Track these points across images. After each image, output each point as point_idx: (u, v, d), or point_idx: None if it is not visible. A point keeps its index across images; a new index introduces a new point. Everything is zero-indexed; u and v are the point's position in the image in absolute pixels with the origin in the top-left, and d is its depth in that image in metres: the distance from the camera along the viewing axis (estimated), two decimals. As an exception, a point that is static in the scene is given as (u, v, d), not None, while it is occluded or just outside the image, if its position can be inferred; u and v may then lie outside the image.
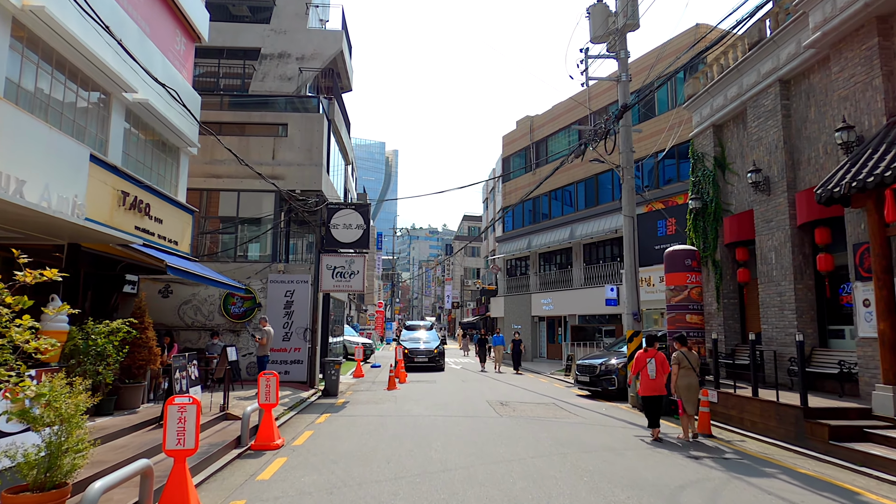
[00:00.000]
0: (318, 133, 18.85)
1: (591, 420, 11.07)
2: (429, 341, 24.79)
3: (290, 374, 15.64)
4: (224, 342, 15.31)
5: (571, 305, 28.04)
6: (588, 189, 28.38)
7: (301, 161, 18.47)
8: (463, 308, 67.65)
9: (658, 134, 23.94)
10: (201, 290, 16.24)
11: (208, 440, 8.13)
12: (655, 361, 9.46)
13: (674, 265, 13.55)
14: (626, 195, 14.29)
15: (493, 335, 25.46)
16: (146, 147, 13.16)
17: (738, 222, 13.32)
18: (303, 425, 10.29)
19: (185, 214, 14.57)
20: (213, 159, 18.35)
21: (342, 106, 25.72)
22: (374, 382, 18.34)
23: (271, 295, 16.12)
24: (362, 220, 15.91)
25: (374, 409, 12.26)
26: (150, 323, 9.50)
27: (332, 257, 15.75)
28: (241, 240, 18.65)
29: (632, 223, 14.28)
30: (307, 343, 15.82)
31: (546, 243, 29.94)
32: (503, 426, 10.07)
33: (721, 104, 14.03)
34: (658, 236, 23.13)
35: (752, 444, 9.11)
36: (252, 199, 18.43)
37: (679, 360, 9.52)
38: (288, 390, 14.19)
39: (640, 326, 13.95)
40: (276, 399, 8.55)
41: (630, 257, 14.15)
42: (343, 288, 15.67)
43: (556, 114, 31.15)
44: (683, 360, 9.51)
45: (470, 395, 14.84)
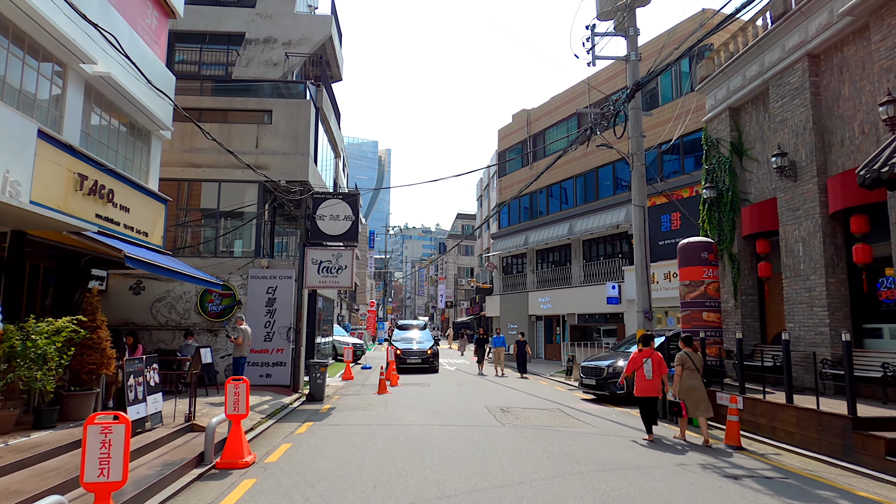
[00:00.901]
0: (305, 120, 17.67)
1: (603, 429, 9.96)
2: (422, 341, 23.64)
3: (271, 378, 14.44)
4: (199, 343, 14.09)
5: (570, 304, 26.97)
6: (587, 183, 27.31)
7: (286, 150, 17.29)
8: (457, 307, 66.53)
9: (661, 125, 22.90)
10: (176, 287, 15.02)
11: (165, 458, 6.95)
12: (652, 361, 9.14)
13: (689, 259, 12.48)
14: (637, 183, 13.21)
15: (493, 335, 23.09)
16: (111, 128, 11.94)
17: (758, 212, 12.26)
18: (280, 436, 9.12)
19: (156, 204, 13.37)
20: (192, 147, 17.15)
21: (332, 95, 24.50)
22: (364, 385, 17.17)
23: (252, 292, 14.91)
24: (350, 211, 14.73)
25: (362, 416, 11.10)
26: (103, 321, 8.30)
27: (318, 251, 14.57)
28: (223, 233, 17.45)
29: (642, 213, 13.19)
30: (291, 344, 14.62)
31: (544, 240, 28.86)
32: (507, 438, 8.93)
33: (739, 85, 12.97)
34: (662, 231, 22.13)
35: (790, 459, 8.02)
36: (234, 190, 17.19)
37: (683, 361, 9.08)
38: (268, 395, 13.00)
39: (651, 325, 12.87)
40: (246, 409, 7.37)
41: (640, 251, 13.06)
42: (329, 284, 14.49)
43: (554, 105, 30.09)
44: (688, 361, 9.07)
45: (467, 400, 13.70)
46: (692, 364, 9.07)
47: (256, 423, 9.86)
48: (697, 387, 8.99)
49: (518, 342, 21.63)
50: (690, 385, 8.99)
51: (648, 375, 9.14)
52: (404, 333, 24.73)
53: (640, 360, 9.32)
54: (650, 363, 9.18)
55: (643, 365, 9.24)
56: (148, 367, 8.07)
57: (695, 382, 9.00)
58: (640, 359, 9.33)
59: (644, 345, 9.57)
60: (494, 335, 22.43)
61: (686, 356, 9.13)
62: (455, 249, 67.92)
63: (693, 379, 9.01)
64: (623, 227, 24.06)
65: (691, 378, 9.01)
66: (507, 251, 32.51)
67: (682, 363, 9.09)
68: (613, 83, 25.66)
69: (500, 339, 22.10)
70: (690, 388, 8.97)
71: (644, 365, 9.21)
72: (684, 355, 9.15)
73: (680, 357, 9.17)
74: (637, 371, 9.32)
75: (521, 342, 21.58)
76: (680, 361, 9.12)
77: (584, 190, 27.57)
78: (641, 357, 9.35)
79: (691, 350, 9.29)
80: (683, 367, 9.06)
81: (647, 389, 9.19)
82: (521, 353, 21.26)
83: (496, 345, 21.84)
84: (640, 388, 9.27)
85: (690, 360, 9.10)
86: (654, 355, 9.27)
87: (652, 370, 9.16)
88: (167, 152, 16.92)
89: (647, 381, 9.17)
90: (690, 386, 8.98)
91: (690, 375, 9.02)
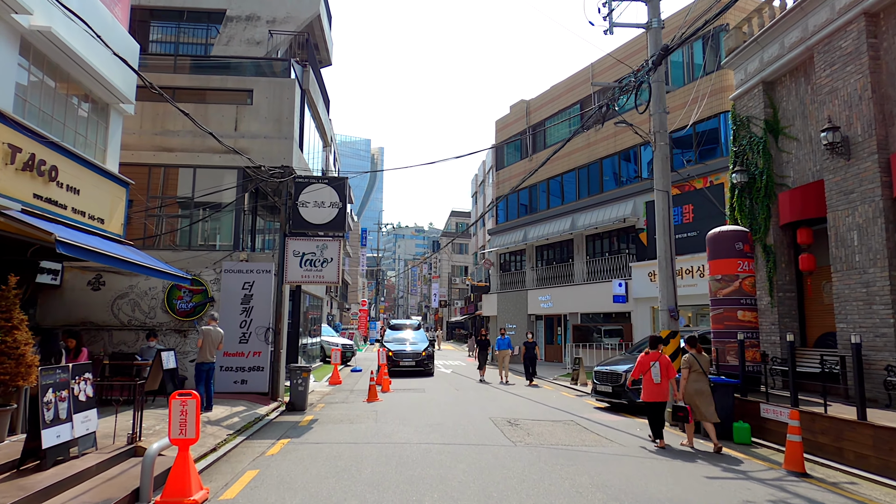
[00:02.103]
0: (289, 101, 16.08)
1: (632, 448, 8.44)
2: (416, 342, 22.07)
3: (247, 384, 12.83)
4: (163, 345, 12.48)
5: (573, 303, 25.49)
6: (591, 175, 25.84)
7: (268, 133, 15.69)
8: (451, 307, 65.00)
9: (673, 112, 21.44)
10: (140, 282, 13.38)
11: (88, 496, 5.36)
12: (660, 365, 8.81)
13: (720, 250, 10.99)
14: (660, 165, 11.71)
15: (498, 336, 19.64)
16: (58, 96, 10.31)
17: (800, 197, 10.80)
18: (248, 459, 7.54)
19: (115, 187, 11.75)
20: (164, 130, 15.54)
21: (320, 79, 22.88)
22: (353, 391, 15.59)
23: (226, 287, 13.28)
24: (337, 198, 13.14)
25: (348, 431, 9.53)
26: (22, 320, 6.68)
27: (301, 242, 12.98)
28: (198, 224, 15.83)
29: (666, 199, 11.70)
30: (269, 346, 13.02)
31: (544, 235, 27.36)
32: (522, 462, 7.39)
33: (775, 54, 11.50)
34: (673, 225, 20.63)
35: (870, 490, 6.54)
36: (211, 177, 15.52)
37: (690, 363, 8.81)
38: (242, 405, 11.39)
39: (676, 325, 11.38)
40: (196, 431, 5.79)
41: (664, 241, 11.56)
42: (313, 279, 12.91)
43: (555, 94, 28.59)
44: (694, 363, 8.79)
45: (468, 409, 12.16)
46: (699, 366, 8.75)
47: (221, 442, 8.27)
48: (704, 390, 8.66)
49: (526, 343, 18.83)
50: (697, 389, 8.65)
51: (657, 379, 8.75)
52: (397, 334, 23.16)
53: (648, 363, 8.89)
54: (658, 366, 8.79)
55: (651, 368, 8.82)
56: (78, 376, 6.47)
57: (702, 386, 8.68)
58: (648, 362, 8.89)
59: (652, 347, 9.10)
60: (499, 336, 19.61)
61: (692, 358, 8.81)
62: (449, 248, 66.43)
63: (700, 382, 8.69)
64: (630, 221, 22.62)
65: (698, 381, 8.69)
66: (504, 247, 31.00)
67: (688, 366, 8.79)
68: (617, 70, 24.17)
69: (504, 341, 19.33)
70: (697, 392, 8.63)
71: (652, 368, 8.81)
72: (690, 357, 8.84)
73: (686, 359, 8.87)
74: (644, 375, 8.92)
75: (529, 343, 18.74)
76: (686, 364, 8.81)
77: (587, 182, 26.09)
78: (649, 360, 8.91)
79: (696, 351, 8.94)
80: (690, 370, 8.75)
81: (655, 394, 8.79)
82: (530, 357, 18.40)
83: (500, 347, 19.08)
84: (648, 392, 8.85)
85: (697, 363, 8.77)
86: (661, 358, 8.88)
87: (660, 374, 8.76)
88: (136, 135, 15.35)
89: (655, 385, 8.77)
90: (697, 390, 8.64)
91: (697, 378, 8.70)
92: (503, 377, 18.64)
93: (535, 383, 17.99)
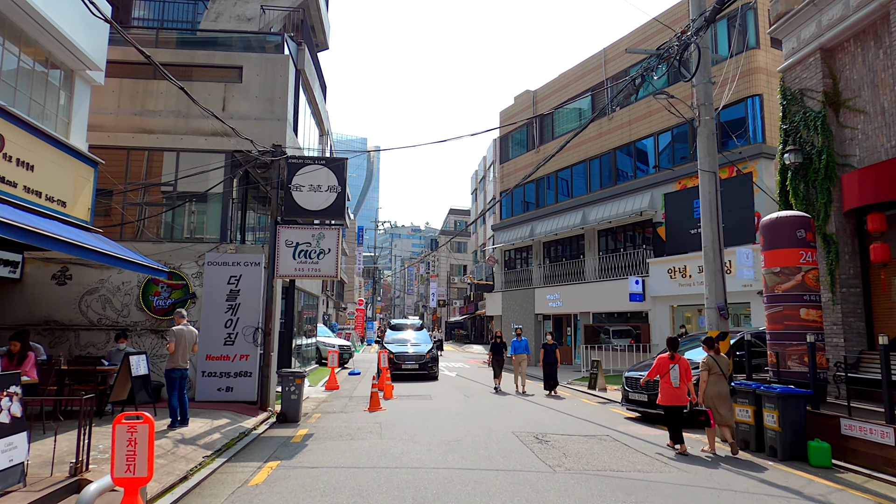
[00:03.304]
0: (283, 79, 14.57)
1: (699, 476, 6.96)
2: (418, 344, 20.58)
3: (233, 392, 11.29)
4: (137, 347, 10.95)
5: (584, 302, 24.02)
6: (604, 166, 24.39)
7: (260, 114, 14.18)
8: (449, 307, 63.53)
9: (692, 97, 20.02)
10: (113, 276, 11.84)
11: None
12: (679, 367, 8.49)
13: (778, 238, 9.52)
14: (704, 143, 10.26)
15: (514, 338, 16.56)
16: (8, 57, 8.78)
17: (871, 178, 9.35)
18: (225, 492, 6.03)
19: (81, 166, 10.25)
20: (144, 110, 14.03)
21: (316, 63, 21.36)
22: (352, 398, 14.09)
23: (209, 281, 11.74)
24: (336, 180, 11.64)
25: (349, 451, 8.02)
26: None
27: (294, 230, 11.48)
28: (181, 213, 14.33)
29: (713, 181, 10.25)
30: (258, 348, 11.50)
31: (553, 230, 25.89)
32: (572, 499, 5.90)
33: (837, 16, 10.06)
34: (694, 218, 19.20)
35: None
36: (196, 161, 13.97)
37: (709, 365, 8.45)
38: (226, 416, 9.86)
39: (726, 325, 9.93)
40: (149, 468, 4.28)
41: (711, 230, 10.10)
42: (309, 272, 11.40)
43: (564, 82, 27.14)
44: (714, 365, 8.46)
45: (485, 421, 10.67)
46: (718, 368, 8.42)
47: (194, 468, 6.75)
48: (724, 393, 8.40)
49: (545, 346, 16.06)
50: (717, 391, 8.35)
51: (675, 383, 8.43)
52: (398, 334, 21.64)
53: (667, 365, 8.54)
54: (678, 369, 8.47)
55: (669, 371, 8.48)
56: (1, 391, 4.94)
57: (722, 388, 8.38)
58: (668, 364, 8.54)
59: (670, 349, 8.68)
60: (514, 338, 16.54)
61: (712, 360, 8.48)
62: (448, 246, 64.97)
63: (720, 384, 8.38)
64: (647, 214, 21.17)
65: (718, 383, 8.37)
66: (510, 243, 29.51)
67: (707, 367, 8.44)
68: (631, 57, 22.76)
69: (521, 344, 16.33)
70: (717, 395, 8.33)
71: (671, 371, 8.48)
72: (710, 359, 8.49)
73: (706, 361, 8.48)
74: (662, 377, 8.58)
75: (549, 346, 15.96)
76: (705, 366, 8.46)
77: (599, 174, 24.64)
78: (668, 362, 8.55)
79: (715, 353, 8.61)
80: (710, 372, 8.42)
81: (673, 398, 8.45)
82: (550, 362, 15.60)
83: (517, 351, 16.29)
84: (667, 396, 8.51)
85: (717, 365, 8.43)
86: (681, 361, 8.57)
87: (679, 377, 8.44)
88: (113, 115, 13.85)
89: (673, 388, 8.44)
90: (717, 392, 8.34)
91: (717, 381, 8.38)
92: (520, 386, 15.93)
93: (555, 392, 15.45)
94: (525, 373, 16.28)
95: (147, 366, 9.36)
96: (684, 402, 8.55)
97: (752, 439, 8.58)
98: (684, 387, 8.48)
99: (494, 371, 16.65)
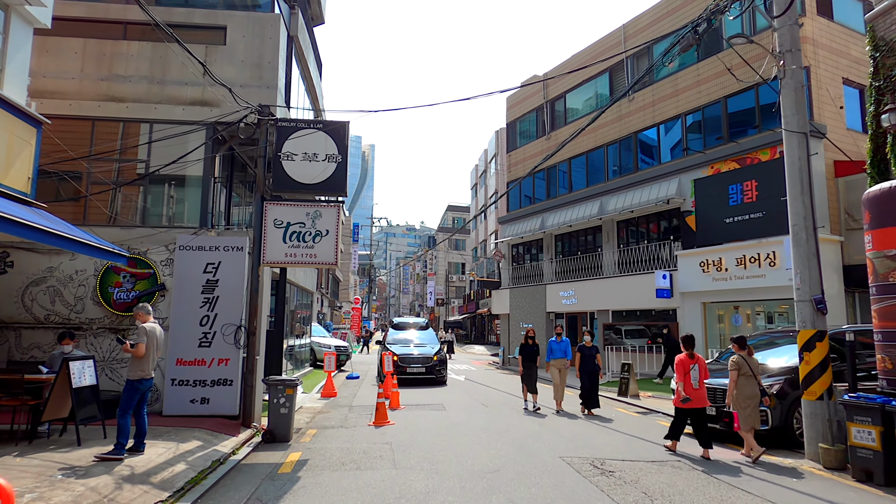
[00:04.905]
0: (273, 42, 12.57)
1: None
2: (423, 344, 18.61)
3: (210, 404, 9.25)
4: (85, 351, 8.90)
5: (602, 299, 22.08)
6: (623, 152, 22.47)
7: (246, 81, 12.16)
8: (448, 305, 61.56)
9: (724, 74, 18.15)
10: (64, 263, 9.79)
11: None
12: (699, 368, 8.15)
13: (890, 215, 7.61)
14: (792, 98, 8.32)
15: (552, 339, 12.51)
16: None
17: None
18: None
19: (18, 124, 8.28)
20: (112, 75, 12.02)
21: (311, 35, 19.36)
22: (352, 407, 12.11)
23: (181, 270, 9.69)
24: (335, 147, 9.62)
25: (354, 489, 6.01)
26: None
27: (285, 208, 9.46)
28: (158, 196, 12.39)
29: (803, 144, 8.29)
30: (241, 351, 9.48)
31: (566, 222, 23.94)
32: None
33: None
34: (730, 206, 17.32)
35: None
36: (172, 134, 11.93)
37: (739, 365, 8.00)
38: (196, 438, 7.83)
39: (824, 323, 7.99)
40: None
41: (803, 204, 8.15)
42: (302, 258, 9.39)
43: (578, 62, 25.17)
44: (744, 365, 8.01)
45: (519, 439, 8.69)
46: (748, 369, 7.94)
47: (139, 523, 4.74)
48: (754, 396, 7.91)
49: (582, 349, 11.97)
50: (749, 394, 7.89)
51: (695, 384, 8.07)
52: (400, 334, 19.64)
53: (688, 365, 8.17)
54: (697, 369, 8.12)
55: (690, 371, 8.10)
56: None
57: (752, 391, 7.91)
58: (688, 364, 8.17)
59: (687, 347, 8.34)
60: (552, 339, 12.47)
61: (742, 360, 8.01)
62: (445, 244, 63.01)
63: (751, 386, 7.92)
64: (675, 203, 19.26)
65: (749, 385, 7.92)
66: (519, 237, 27.53)
67: (737, 368, 7.99)
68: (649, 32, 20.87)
69: (561, 346, 12.28)
70: (748, 398, 7.87)
71: (691, 371, 8.10)
72: (740, 359, 8.01)
73: (736, 361, 8.03)
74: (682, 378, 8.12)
75: (587, 349, 11.93)
76: (735, 366, 8.01)
77: (618, 160, 22.71)
78: (688, 362, 8.18)
79: (745, 353, 8.10)
80: (739, 373, 7.97)
81: (695, 399, 8.03)
82: (591, 371, 11.71)
83: (555, 355, 12.23)
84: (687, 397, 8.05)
85: (747, 365, 7.95)
86: (700, 360, 8.23)
87: (699, 377, 8.09)
88: (76, 80, 11.88)
89: (694, 390, 8.05)
90: (749, 395, 7.88)
91: (747, 382, 7.94)
92: (558, 403, 12.06)
93: (595, 412, 11.69)
94: (563, 384, 12.22)
95: (94, 374, 7.33)
96: (707, 404, 8.23)
97: (878, 468, 6.63)
98: (703, 387, 8.11)
99: (526, 384, 12.27)
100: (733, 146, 17.59)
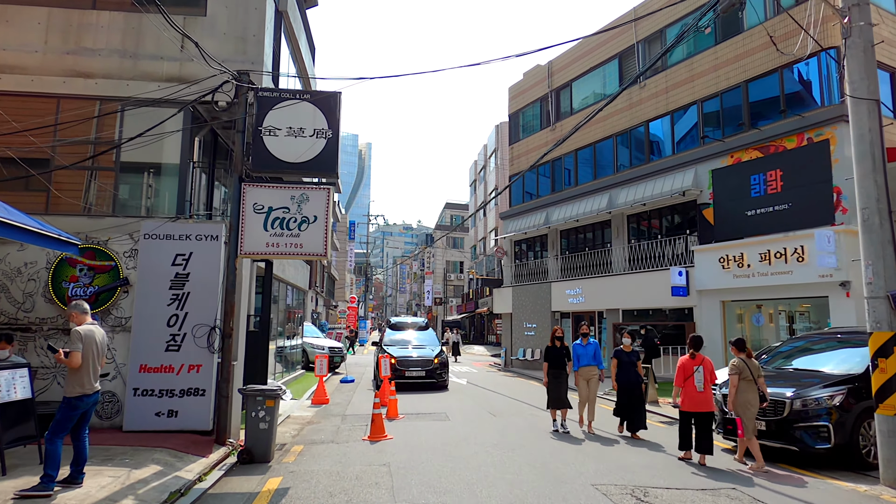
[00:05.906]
0: (259, 13, 11.26)
1: None
2: (423, 346, 17.37)
3: (179, 418, 7.97)
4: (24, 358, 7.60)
5: (611, 297, 20.86)
6: (634, 142, 21.25)
7: (228, 56, 10.79)
8: (446, 305, 60.33)
9: (744, 56, 17.00)
10: (12, 254, 8.50)
11: None
12: (704, 370, 7.82)
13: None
14: (861, 58, 7.09)
15: (576, 342, 10.50)
16: None
17: None
18: None
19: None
20: (79, 48, 10.70)
21: (303, 15, 18.05)
22: (345, 417, 10.85)
23: (146, 262, 8.39)
24: (325, 122, 8.35)
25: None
26: None
27: (266, 190, 8.19)
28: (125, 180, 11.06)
29: (873, 111, 7.04)
30: (215, 356, 8.20)
31: (572, 216, 22.71)
32: None
33: None
34: (752, 197, 16.14)
35: None
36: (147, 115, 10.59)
37: (740, 369, 7.62)
38: (157, 460, 6.54)
39: (900, 323, 6.77)
40: None
41: (876, 182, 6.92)
42: (287, 249, 8.11)
43: (584, 50, 23.97)
44: (745, 369, 7.62)
45: (540, 459, 7.44)
46: (749, 374, 7.63)
47: None
48: (755, 401, 7.58)
49: (619, 355, 9.92)
50: (749, 399, 7.55)
51: (700, 387, 7.78)
52: (398, 335, 18.39)
53: (692, 367, 7.91)
54: (702, 372, 7.84)
55: (694, 374, 7.84)
56: None
57: (752, 396, 7.58)
58: (692, 366, 7.92)
59: (694, 349, 8.08)
60: (577, 342, 10.46)
61: (742, 364, 7.68)
62: (443, 242, 61.80)
63: (752, 391, 7.60)
64: (691, 195, 18.03)
65: (749, 390, 7.60)
66: (522, 232, 26.29)
67: (738, 371, 7.65)
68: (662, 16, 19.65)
69: (588, 351, 10.23)
70: (750, 403, 7.54)
71: (695, 374, 7.83)
72: (740, 363, 7.69)
73: (736, 365, 7.70)
74: (686, 381, 7.94)
75: (625, 355, 9.87)
76: (735, 370, 7.68)
77: (628, 151, 21.49)
78: (692, 364, 7.93)
79: (746, 356, 7.78)
80: (740, 377, 7.64)
81: (699, 403, 7.77)
82: (631, 383, 9.64)
83: (583, 363, 10.17)
84: (692, 401, 7.82)
85: (748, 369, 7.64)
86: (705, 362, 7.92)
87: (704, 380, 7.81)
88: (39, 53, 10.59)
89: (698, 393, 7.78)
90: (749, 400, 7.55)
91: (748, 387, 7.61)
92: (586, 420, 10.01)
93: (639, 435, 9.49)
94: (594, 398, 10.07)
95: (29, 386, 6.05)
96: (712, 408, 7.91)
97: None
98: (709, 391, 7.86)
99: (552, 397, 9.94)
100: (755, 133, 16.35)
